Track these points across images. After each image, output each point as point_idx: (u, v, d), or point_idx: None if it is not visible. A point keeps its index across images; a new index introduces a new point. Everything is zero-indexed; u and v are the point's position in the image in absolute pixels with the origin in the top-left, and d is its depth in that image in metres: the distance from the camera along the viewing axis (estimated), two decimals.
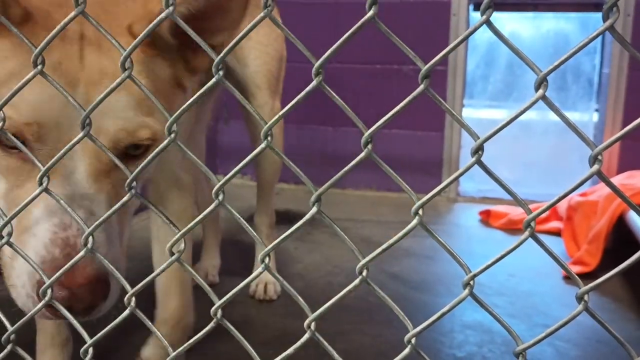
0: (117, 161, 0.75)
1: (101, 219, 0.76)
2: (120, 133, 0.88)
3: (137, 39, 0.68)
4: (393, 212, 3.51)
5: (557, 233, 3.05)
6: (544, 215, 3.20)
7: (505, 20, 4.63)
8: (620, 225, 2.61)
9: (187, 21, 0.85)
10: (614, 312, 2.21)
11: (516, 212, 3.28)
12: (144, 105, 0.90)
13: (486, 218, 3.37)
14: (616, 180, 3.06)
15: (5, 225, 0.81)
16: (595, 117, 3.87)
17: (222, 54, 0.63)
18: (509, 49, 0.54)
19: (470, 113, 4.59)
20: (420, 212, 0.57)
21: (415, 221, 0.57)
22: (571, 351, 1.90)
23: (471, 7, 3.67)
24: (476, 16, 3.75)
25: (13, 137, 0.82)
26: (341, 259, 2.69)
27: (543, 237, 0.57)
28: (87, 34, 0.89)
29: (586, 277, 2.50)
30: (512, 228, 3.22)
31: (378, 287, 0.63)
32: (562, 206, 3.09)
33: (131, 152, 0.92)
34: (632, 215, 2.50)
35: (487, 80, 4.89)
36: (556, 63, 0.50)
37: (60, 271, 0.79)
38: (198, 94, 0.66)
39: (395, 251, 2.73)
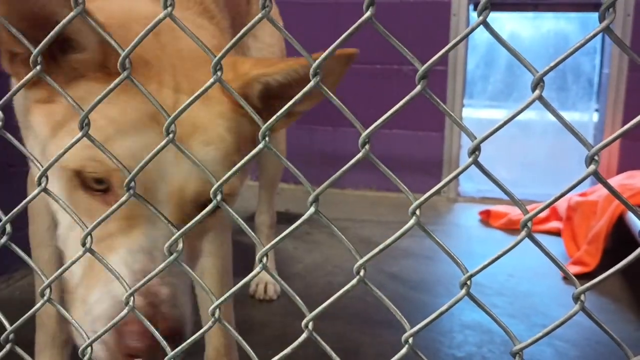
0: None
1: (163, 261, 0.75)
2: (206, 186, 0.85)
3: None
4: (392, 212, 3.51)
5: (557, 233, 3.05)
6: (544, 215, 3.20)
7: (505, 21, 4.63)
8: (619, 226, 2.61)
9: (278, 88, 0.89)
10: (613, 313, 2.21)
11: (516, 212, 3.28)
12: (229, 161, 0.89)
13: (486, 218, 3.37)
14: (616, 180, 3.06)
15: (5, 223, 0.81)
16: (595, 117, 3.88)
17: (220, 54, 0.63)
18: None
19: (470, 113, 4.59)
20: (418, 212, 0.57)
21: (412, 221, 0.57)
22: (570, 352, 1.91)
23: (471, 7, 3.67)
24: (476, 16, 3.75)
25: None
26: (341, 258, 2.69)
27: (543, 237, 0.57)
28: (182, 86, 0.89)
29: (586, 277, 2.50)
30: (512, 228, 3.22)
31: (377, 287, 0.63)
32: (562, 206, 3.09)
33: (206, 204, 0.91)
34: (631, 215, 2.50)
35: (487, 80, 4.89)
36: (552, 64, 0.51)
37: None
38: (198, 93, 0.66)
39: (394, 251, 2.73)
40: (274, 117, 0.64)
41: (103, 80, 0.83)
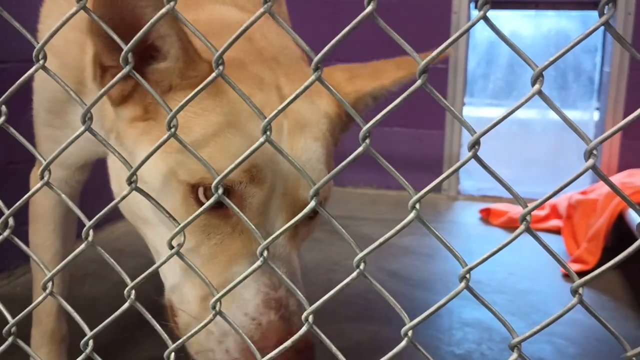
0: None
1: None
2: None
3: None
4: (392, 210, 3.51)
5: (557, 231, 3.05)
6: (544, 213, 3.20)
7: (506, 19, 4.63)
8: (619, 224, 2.62)
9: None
10: (613, 311, 2.21)
11: (516, 210, 3.29)
12: (327, 163, 0.90)
13: (486, 216, 3.37)
14: (616, 178, 3.07)
15: (8, 216, 0.81)
16: (596, 115, 3.88)
17: (222, 49, 0.63)
18: (509, 48, 0.54)
19: (470, 111, 4.59)
20: (417, 206, 0.58)
21: (412, 215, 0.58)
22: (570, 349, 1.91)
23: (472, 4, 3.67)
24: (477, 14, 3.75)
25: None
26: (340, 256, 2.70)
27: (543, 236, 0.57)
28: (283, 87, 0.89)
29: (586, 275, 2.50)
30: (512, 226, 3.22)
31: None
32: (562, 205, 3.10)
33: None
34: (631, 213, 2.50)
35: (487, 79, 4.89)
36: (552, 58, 0.51)
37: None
38: (198, 88, 0.66)
39: (394, 249, 2.74)
40: (273, 113, 0.64)
41: (191, 90, 0.81)
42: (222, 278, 0.83)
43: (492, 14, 0.53)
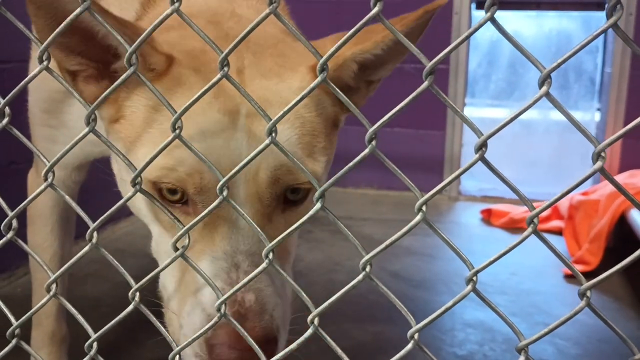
0: None
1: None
2: (281, 169, 0.82)
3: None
4: (394, 210, 3.51)
5: (558, 232, 3.05)
6: (545, 214, 3.20)
7: (508, 19, 4.62)
8: (621, 224, 2.62)
9: (375, 60, 0.86)
10: (615, 312, 2.21)
11: (517, 210, 3.28)
12: (306, 143, 0.85)
13: (487, 217, 3.37)
14: (618, 179, 3.05)
15: (11, 218, 0.81)
16: (597, 116, 3.87)
17: (228, 50, 0.63)
18: (510, 48, 0.54)
19: (471, 112, 4.58)
20: (424, 208, 0.57)
21: (419, 217, 0.57)
22: (572, 350, 1.91)
23: (473, 5, 3.66)
24: (478, 14, 3.75)
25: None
26: (342, 257, 2.69)
27: (544, 236, 0.57)
28: (247, 71, 0.86)
29: (588, 276, 2.49)
30: (513, 227, 3.22)
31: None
32: (564, 205, 3.09)
33: (290, 196, 0.87)
34: (633, 214, 2.50)
35: (489, 79, 4.88)
36: (560, 60, 0.51)
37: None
38: (205, 88, 0.66)
39: (396, 249, 2.74)
40: (278, 115, 0.64)
41: (155, 82, 0.81)
42: (189, 276, 0.84)
43: (495, 15, 0.53)
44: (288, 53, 0.91)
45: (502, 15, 4.34)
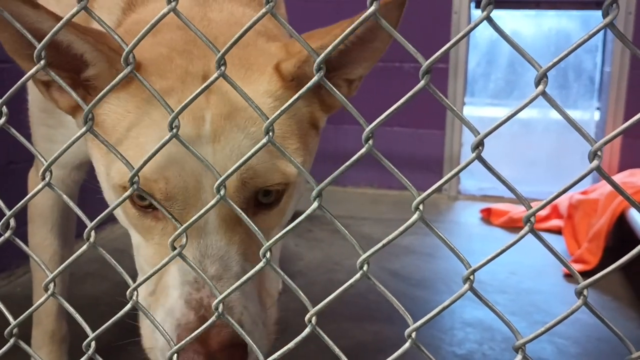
0: None
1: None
2: (247, 173, 0.82)
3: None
4: (393, 209, 3.51)
5: (557, 231, 3.05)
6: (544, 213, 3.20)
7: (507, 18, 4.62)
8: (621, 224, 2.62)
9: (337, 56, 0.85)
10: (614, 311, 2.21)
11: (517, 210, 3.29)
12: (277, 144, 0.85)
13: (487, 216, 3.37)
14: (617, 178, 3.07)
15: (9, 217, 0.81)
16: (597, 115, 3.88)
17: (224, 49, 0.63)
18: (509, 47, 0.54)
19: (471, 111, 4.58)
20: (421, 207, 0.57)
21: (415, 216, 0.57)
22: (571, 348, 1.91)
23: (472, 4, 3.66)
24: (477, 13, 3.74)
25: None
26: (341, 256, 2.69)
27: (544, 235, 0.57)
28: (211, 74, 0.84)
29: (587, 275, 2.50)
30: (513, 226, 3.22)
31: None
32: (563, 204, 3.09)
33: (262, 199, 0.87)
34: (632, 213, 2.50)
35: (488, 79, 4.88)
36: (556, 59, 0.51)
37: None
38: (201, 88, 0.66)
39: (396, 248, 2.74)
40: (275, 114, 0.64)
41: (123, 88, 0.84)
42: (158, 278, 0.86)
43: (493, 14, 0.53)
44: (256, 56, 0.90)
45: (501, 15, 4.35)
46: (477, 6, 3.71)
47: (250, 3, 1.09)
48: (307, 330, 0.65)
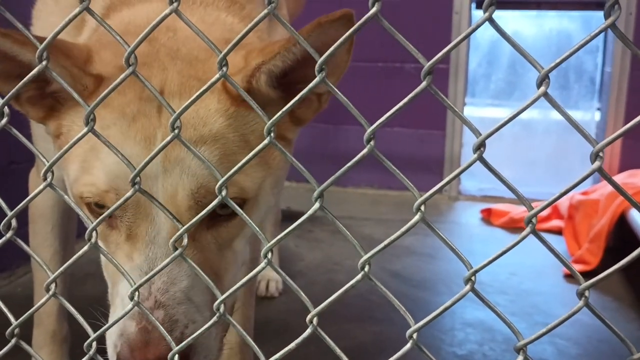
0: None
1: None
2: (199, 192, 0.82)
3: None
4: (394, 210, 3.51)
5: (558, 232, 3.05)
6: (545, 213, 3.20)
7: (508, 19, 4.62)
8: (621, 224, 2.62)
9: (289, 71, 0.85)
10: (615, 312, 2.21)
11: (517, 210, 3.29)
12: (228, 161, 0.84)
13: (487, 216, 3.37)
14: (618, 179, 3.07)
15: (10, 218, 0.81)
16: (597, 116, 3.87)
17: (225, 50, 0.63)
18: (510, 48, 0.54)
19: (472, 112, 4.59)
20: (422, 208, 0.57)
21: (417, 217, 0.57)
22: (572, 350, 1.91)
23: (473, 4, 3.66)
24: (478, 14, 3.75)
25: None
26: (342, 256, 2.70)
27: (544, 236, 0.57)
28: (167, 89, 0.86)
29: (587, 275, 2.49)
30: (513, 227, 3.22)
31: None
32: (564, 205, 3.09)
33: (219, 211, 0.87)
34: (633, 214, 2.50)
35: (489, 79, 4.88)
36: (557, 60, 0.51)
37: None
38: (201, 90, 0.66)
39: (396, 249, 2.74)
40: (277, 115, 0.64)
41: (87, 101, 0.85)
42: (116, 284, 0.89)
43: (494, 14, 0.53)
44: (212, 71, 0.87)
45: (502, 15, 4.35)
46: (478, 7, 3.71)
47: (229, 7, 1.07)
48: (308, 331, 0.65)
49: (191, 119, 0.83)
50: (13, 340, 0.85)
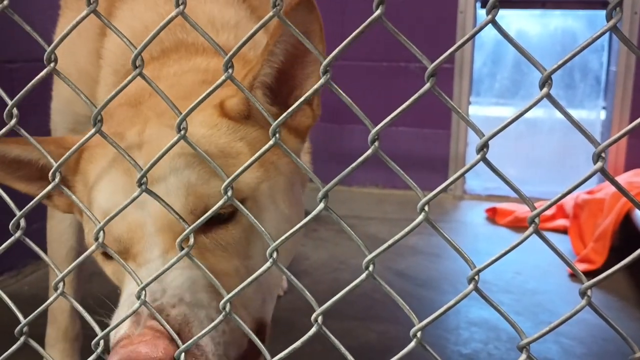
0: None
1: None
2: (190, 199, 0.84)
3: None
4: (398, 209, 3.51)
5: (563, 231, 3.05)
6: (550, 213, 3.20)
7: (512, 18, 4.62)
8: (626, 223, 2.61)
9: (280, 78, 0.88)
10: (620, 311, 2.21)
11: (522, 209, 3.28)
12: (213, 178, 0.84)
13: (492, 216, 3.37)
14: (623, 178, 3.06)
15: (19, 217, 0.82)
16: (603, 115, 3.87)
17: (232, 52, 0.63)
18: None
19: (476, 111, 4.58)
20: (426, 208, 0.58)
21: (421, 217, 0.58)
22: (577, 349, 1.91)
23: (478, 4, 3.66)
24: (483, 13, 3.74)
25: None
26: (347, 256, 2.70)
27: (549, 235, 0.57)
28: (145, 132, 0.89)
29: (592, 275, 2.49)
30: (518, 226, 3.21)
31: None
32: (569, 204, 3.09)
33: (216, 215, 0.84)
34: (638, 213, 2.50)
35: (494, 78, 4.88)
36: (560, 62, 0.51)
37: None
38: (203, 95, 0.67)
39: (401, 249, 2.74)
40: (283, 116, 0.64)
41: (73, 175, 0.96)
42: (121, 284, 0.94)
43: (499, 14, 0.53)
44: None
45: (506, 14, 4.34)
46: (483, 6, 3.71)
47: (222, 28, 1.15)
48: (313, 330, 0.65)
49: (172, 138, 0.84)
50: (22, 339, 0.86)
